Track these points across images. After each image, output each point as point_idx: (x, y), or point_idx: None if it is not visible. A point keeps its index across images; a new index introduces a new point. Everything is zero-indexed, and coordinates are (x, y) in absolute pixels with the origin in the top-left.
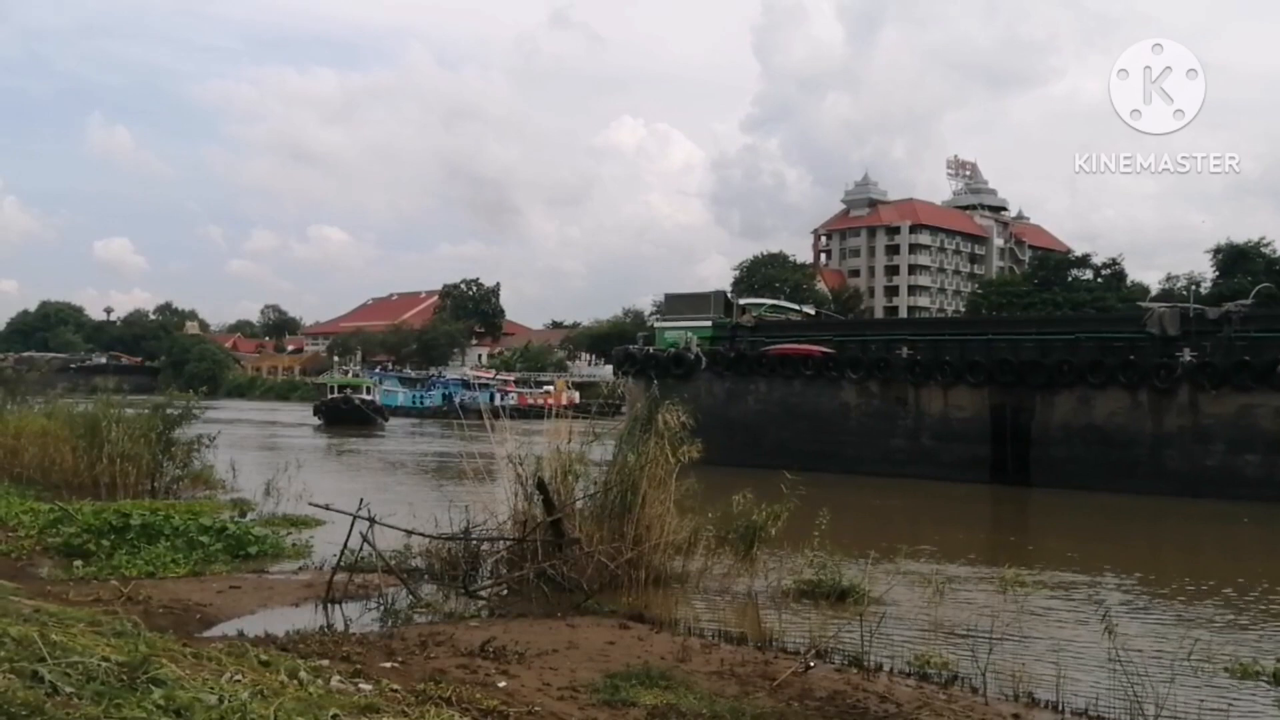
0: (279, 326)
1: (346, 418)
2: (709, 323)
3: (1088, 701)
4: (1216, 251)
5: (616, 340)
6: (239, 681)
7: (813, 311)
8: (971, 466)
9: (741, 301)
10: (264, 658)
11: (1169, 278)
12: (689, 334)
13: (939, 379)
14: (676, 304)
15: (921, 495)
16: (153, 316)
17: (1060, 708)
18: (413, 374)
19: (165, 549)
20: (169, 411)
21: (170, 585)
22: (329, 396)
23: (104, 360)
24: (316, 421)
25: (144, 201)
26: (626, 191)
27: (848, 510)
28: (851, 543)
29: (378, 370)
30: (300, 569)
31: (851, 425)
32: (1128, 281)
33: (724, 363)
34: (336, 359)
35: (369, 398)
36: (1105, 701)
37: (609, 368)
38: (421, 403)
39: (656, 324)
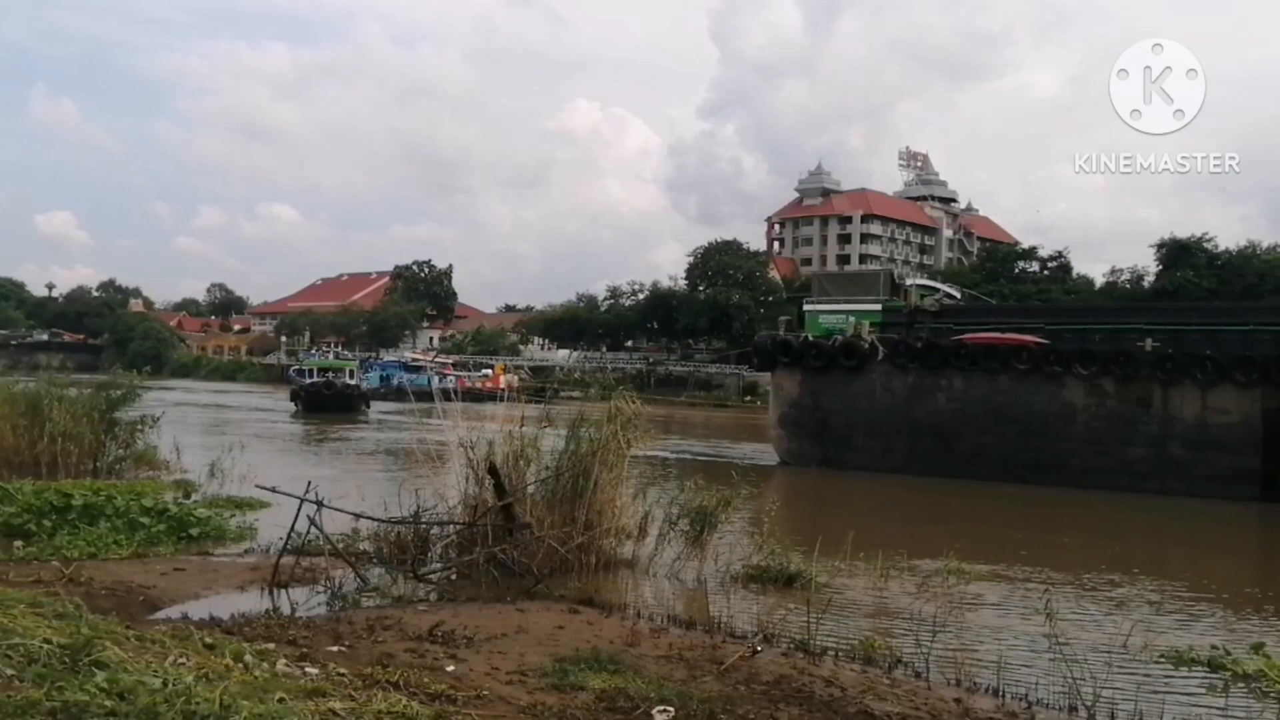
0: (225, 306)
1: (329, 404)
2: (878, 306)
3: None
4: (1160, 246)
5: (569, 324)
6: (183, 665)
7: (958, 294)
8: (1235, 481)
9: (910, 283)
10: (209, 641)
11: (1113, 270)
12: (851, 319)
13: (1197, 377)
14: (831, 284)
15: (1170, 513)
16: (96, 293)
17: (1000, 693)
18: (349, 356)
19: (107, 530)
20: (112, 392)
21: (113, 567)
22: (308, 380)
23: (46, 337)
24: (292, 407)
25: (89, 175)
26: (582, 176)
27: (1074, 529)
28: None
29: (315, 351)
30: (246, 552)
31: (1077, 431)
32: (1073, 274)
33: (908, 353)
34: (284, 339)
35: (352, 382)
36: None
37: (562, 352)
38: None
39: (807, 307)
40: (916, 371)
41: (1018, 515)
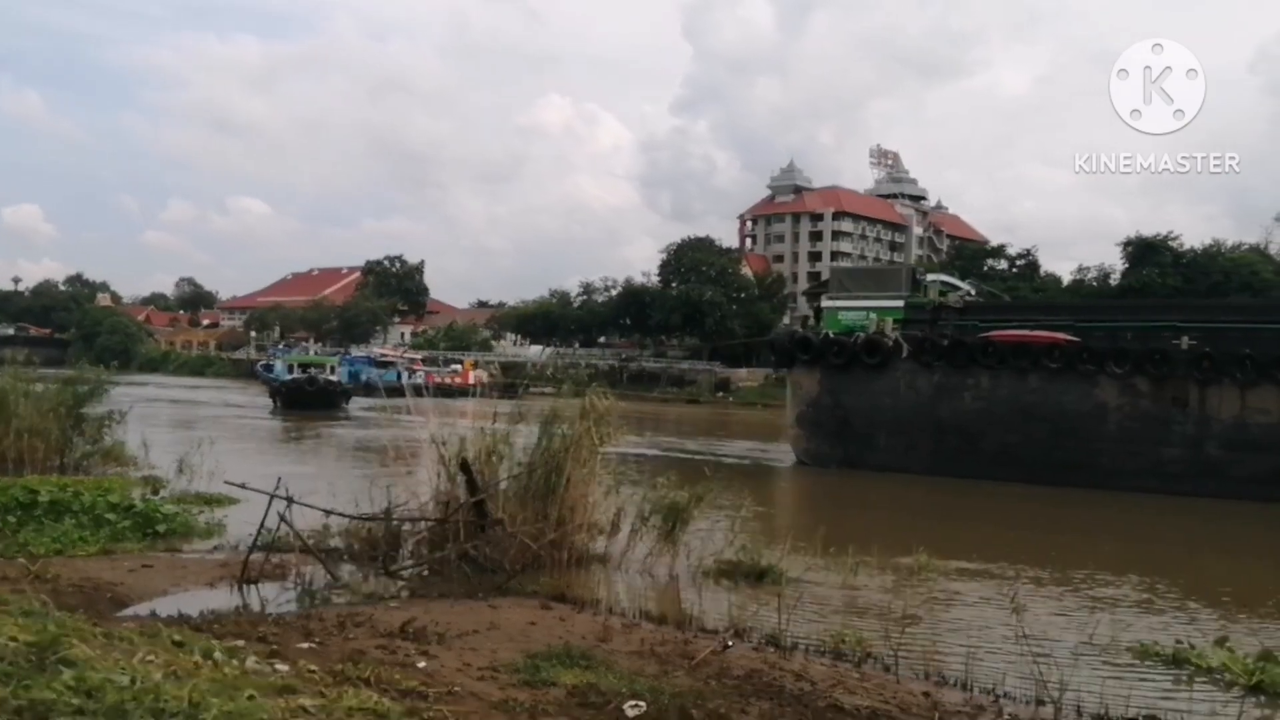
0: (194, 300)
1: (312, 401)
2: (900, 303)
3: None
4: (1127, 244)
5: (542, 320)
6: (152, 662)
7: (973, 291)
8: (1275, 483)
9: (931, 278)
10: (177, 638)
11: (1080, 269)
12: (872, 315)
13: (1236, 376)
14: (850, 280)
15: (1201, 515)
16: (63, 287)
17: (969, 686)
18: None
19: (72, 526)
20: (79, 388)
21: (80, 564)
22: (289, 376)
23: (11, 331)
24: (268, 403)
25: (56, 168)
26: (555, 171)
27: (1086, 529)
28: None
29: (282, 346)
30: (215, 548)
31: (1109, 431)
32: (1041, 272)
33: (934, 351)
34: (254, 334)
35: (334, 378)
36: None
37: (535, 348)
38: None
39: (826, 303)
40: (942, 370)
41: (1031, 514)
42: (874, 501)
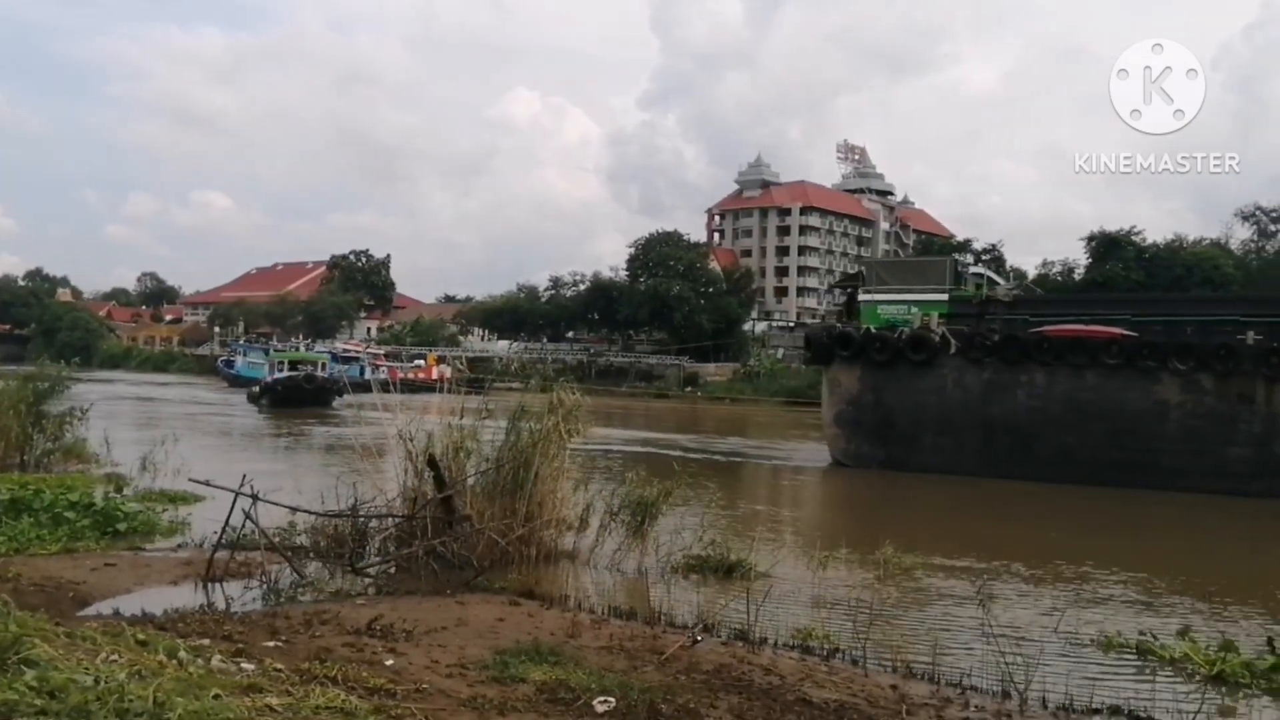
0: (156, 295)
1: (308, 399)
2: (944, 296)
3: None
4: (1090, 239)
5: (510, 315)
6: (115, 662)
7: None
8: None
9: (971, 270)
10: (141, 637)
11: (1045, 263)
12: (915, 309)
13: None
14: (888, 273)
15: (1265, 516)
16: (22, 282)
17: (936, 679)
18: (280, 347)
19: (30, 525)
20: (39, 384)
21: (41, 563)
22: (279, 374)
23: None
24: (251, 402)
25: (15, 162)
26: (523, 165)
27: (1136, 530)
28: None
29: (242, 342)
30: (179, 547)
31: (1171, 430)
32: (1007, 267)
33: (984, 347)
34: (217, 330)
35: (323, 374)
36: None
37: (502, 343)
38: None
39: (864, 297)
40: (993, 366)
41: (1074, 514)
42: (923, 504)
